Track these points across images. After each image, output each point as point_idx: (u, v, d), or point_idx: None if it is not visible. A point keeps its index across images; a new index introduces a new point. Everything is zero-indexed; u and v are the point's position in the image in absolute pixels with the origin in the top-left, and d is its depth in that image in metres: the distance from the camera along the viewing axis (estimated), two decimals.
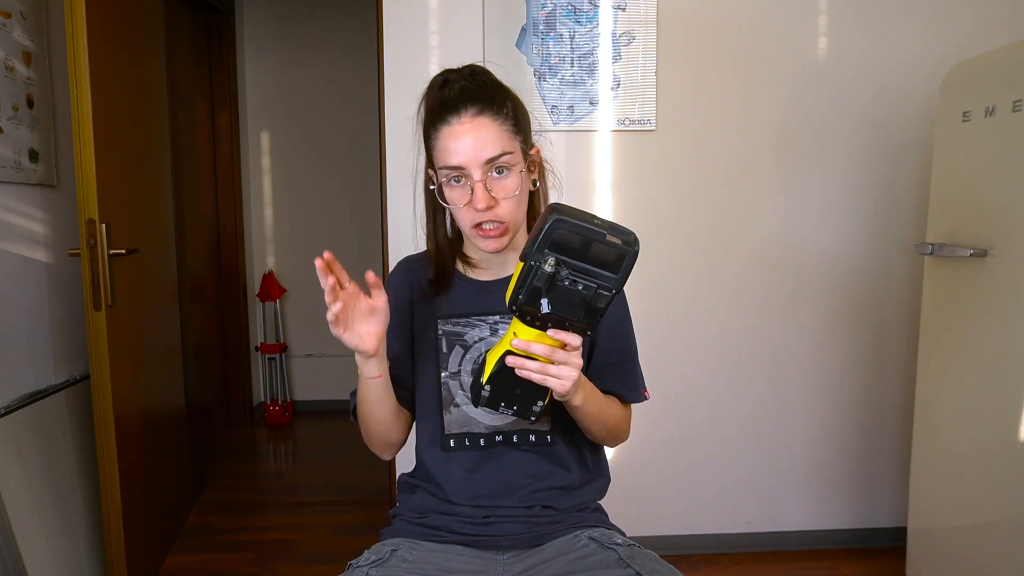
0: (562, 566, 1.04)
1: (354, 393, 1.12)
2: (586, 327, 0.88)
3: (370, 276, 0.96)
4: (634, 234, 0.85)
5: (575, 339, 0.89)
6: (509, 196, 1.03)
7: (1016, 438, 1.53)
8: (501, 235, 1.04)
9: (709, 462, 2.30)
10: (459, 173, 1.03)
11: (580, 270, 0.85)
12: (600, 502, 1.21)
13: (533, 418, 0.96)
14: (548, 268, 0.83)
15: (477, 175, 1.01)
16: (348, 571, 1.05)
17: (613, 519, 1.19)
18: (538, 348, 0.89)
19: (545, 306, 0.85)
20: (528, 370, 0.90)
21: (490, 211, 1.02)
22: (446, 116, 1.03)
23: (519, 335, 0.90)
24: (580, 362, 0.92)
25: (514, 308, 0.88)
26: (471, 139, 1.01)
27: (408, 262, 1.20)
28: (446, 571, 1.05)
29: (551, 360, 0.90)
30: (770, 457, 2.31)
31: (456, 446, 1.12)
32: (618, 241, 0.83)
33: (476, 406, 0.97)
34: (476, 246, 1.08)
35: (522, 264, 0.86)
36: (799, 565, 2.26)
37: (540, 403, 0.95)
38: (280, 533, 2.49)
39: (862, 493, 2.35)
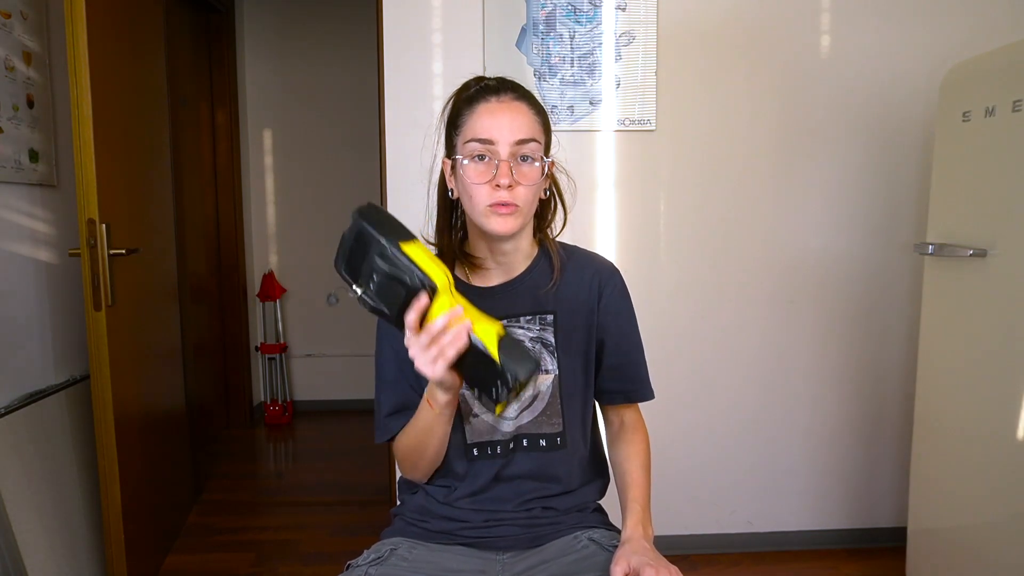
0: (562, 567, 1.04)
1: (392, 416, 1.12)
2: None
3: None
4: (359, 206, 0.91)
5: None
6: (529, 184, 1.04)
7: (1016, 438, 1.53)
8: (514, 216, 1.04)
9: (709, 462, 2.30)
10: (486, 149, 1.03)
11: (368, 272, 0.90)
12: (600, 502, 1.21)
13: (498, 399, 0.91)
14: (356, 289, 0.90)
15: (505, 152, 1.03)
16: (347, 571, 1.05)
17: (613, 519, 1.19)
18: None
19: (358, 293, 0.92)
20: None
21: (510, 191, 1.02)
22: (485, 95, 1.06)
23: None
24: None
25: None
26: (507, 117, 1.04)
27: None
28: (445, 571, 1.05)
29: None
30: (770, 457, 2.31)
31: (479, 455, 1.11)
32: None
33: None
34: (486, 228, 1.06)
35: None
36: (799, 565, 2.26)
37: (496, 389, 0.90)
38: (280, 533, 2.49)
39: (862, 493, 2.35)
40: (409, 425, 1.09)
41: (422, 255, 0.88)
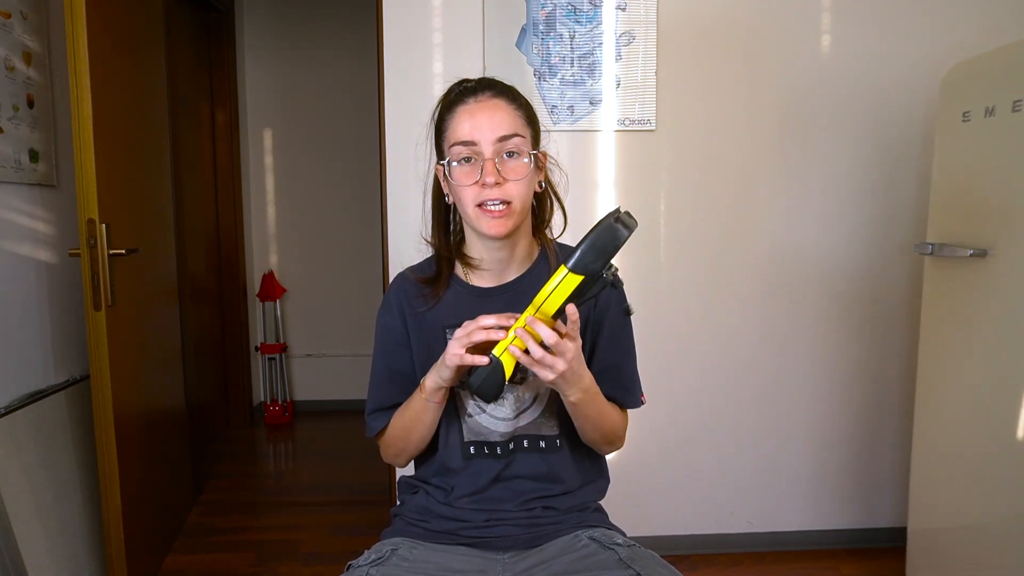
0: (562, 566, 1.04)
1: (374, 414, 1.17)
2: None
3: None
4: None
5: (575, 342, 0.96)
6: (518, 178, 1.05)
7: (1016, 438, 1.53)
8: (506, 217, 1.04)
9: (709, 462, 2.30)
10: (470, 151, 1.04)
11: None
12: (600, 502, 1.21)
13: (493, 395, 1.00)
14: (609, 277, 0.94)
15: (488, 151, 1.03)
16: (348, 572, 1.05)
17: (613, 519, 1.19)
18: (546, 332, 0.93)
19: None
20: (527, 355, 0.95)
21: (498, 188, 1.03)
22: (464, 98, 1.07)
23: (545, 310, 0.95)
24: (568, 355, 0.96)
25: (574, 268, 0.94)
26: (486, 116, 1.05)
27: (401, 279, 1.19)
28: (446, 570, 1.05)
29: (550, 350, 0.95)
30: (770, 457, 2.31)
31: (476, 453, 1.11)
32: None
33: (463, 384, 1.00)
34: (479, 230, 1.07)
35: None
36: (799, 565, 2.26)
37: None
38: (280, 533, 2.49)
39: (862, 493, 2.35)
40: (401, 409, 1.13)
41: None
